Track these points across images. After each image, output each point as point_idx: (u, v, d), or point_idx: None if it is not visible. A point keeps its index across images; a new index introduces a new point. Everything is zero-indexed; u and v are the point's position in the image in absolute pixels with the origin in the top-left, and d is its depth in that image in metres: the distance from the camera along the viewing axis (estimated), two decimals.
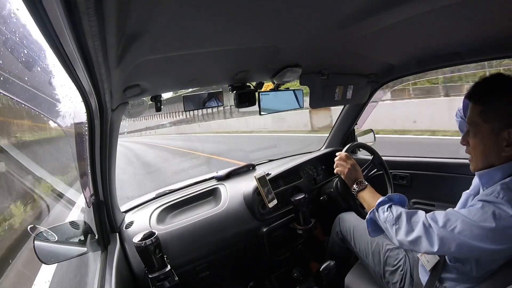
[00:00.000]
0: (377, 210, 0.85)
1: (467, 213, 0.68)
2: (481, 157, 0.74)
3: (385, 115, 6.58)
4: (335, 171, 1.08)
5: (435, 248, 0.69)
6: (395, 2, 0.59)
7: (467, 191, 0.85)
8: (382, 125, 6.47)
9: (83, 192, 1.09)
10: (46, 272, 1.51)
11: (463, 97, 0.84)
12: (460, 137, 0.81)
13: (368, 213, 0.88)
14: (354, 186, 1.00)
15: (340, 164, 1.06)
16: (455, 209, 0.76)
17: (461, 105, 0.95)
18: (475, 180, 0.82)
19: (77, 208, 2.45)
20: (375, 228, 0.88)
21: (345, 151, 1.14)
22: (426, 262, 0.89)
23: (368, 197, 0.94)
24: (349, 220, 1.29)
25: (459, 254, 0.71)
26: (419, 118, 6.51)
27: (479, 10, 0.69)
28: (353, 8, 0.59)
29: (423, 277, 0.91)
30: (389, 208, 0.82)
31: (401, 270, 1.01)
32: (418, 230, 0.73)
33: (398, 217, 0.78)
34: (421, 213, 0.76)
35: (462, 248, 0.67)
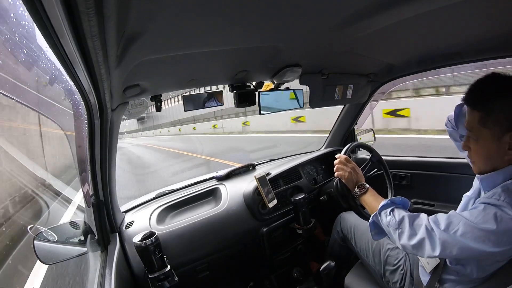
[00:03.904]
0: (379, 214, 0.84)
1: (468, 216, 0.68)
2: (484, 161, 0.73)
3: None
4: (335, 175, 1.07)
5: (437, 252, 0.69)
6: (395, 2, 0.58)
7: (467, 193, 0.85)
8: None
9: (83, 192, 1.09)
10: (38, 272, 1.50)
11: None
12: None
13: (371, 217, 0.87)
14: (355, 189, 0.99)
15: (341, 168, 1.05)
16: (456, 211, 0.76)
17: (451, 114, 0.94)
18: (476, 183, 0.82)
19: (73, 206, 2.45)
20: (378, 231, 0.87)
21: (344, 153, 1.13)
22: (426, 264, 0.89)
23: (370, 200, 0.93)
24: (350, 219, 1.29)
25: (460, 257, 0.70)
26: None
27: (479, 10, 0.69)
28: (353, 8, 0.59)
29: (424, 277, 0.91)
30: (391, 212, 0.81)
31: (402, 270, 1.01)
32: (420, 234, 0.72)
33: (401, 221, 0.78)
34: (423, 216, 0.76)
35: (464, 252, 0.66)
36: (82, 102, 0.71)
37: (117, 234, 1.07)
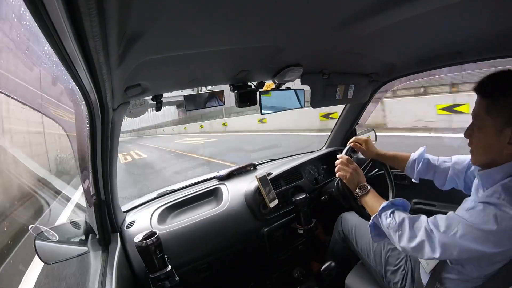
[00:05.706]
0: (379, 215, 0.84)
1: (468, 216, 0.67)
2: (483, 152, 0.74)
3: None
4: (336, 175, 1.07)
5: (437, 254, 0.69)
6: (395, 2, 0.58)
7: (468, 198, 0.85)
8: None
9: (84, 192, 1.09)
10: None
11: None
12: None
13: (371, 218, 0.87)
14: (357, 190, 0.98)
15: (342, 168, 1.04)
16: (455, 212, 0.75)
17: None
18: (474, 181, 0.82)
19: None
20: (379, 233, 0.87)
21: (346, 153, 1.13)
22: (425, 264, 0.89)
23: (372, 202, 0.93)
24: (351, 219, 1.29)
25: (460, 258, 0.71)
26: None
27: (479, 10, 0.69)
28: (354, 8, 0.59)
29: (424, 277, 0.91)
30: (391, 214, 0.81)
31: (402, 270, 1.01)
32: (420, 236, 0.72)
33: (401, 223, 0.77)
34: (423, 218, 0.76)
35: (464, 253, 0.66)
36: (84, 102, 0.71)
37: (118, 234, 1.07)
